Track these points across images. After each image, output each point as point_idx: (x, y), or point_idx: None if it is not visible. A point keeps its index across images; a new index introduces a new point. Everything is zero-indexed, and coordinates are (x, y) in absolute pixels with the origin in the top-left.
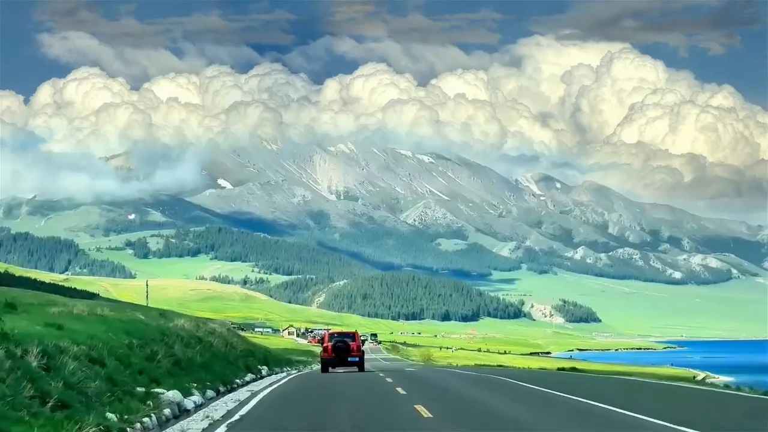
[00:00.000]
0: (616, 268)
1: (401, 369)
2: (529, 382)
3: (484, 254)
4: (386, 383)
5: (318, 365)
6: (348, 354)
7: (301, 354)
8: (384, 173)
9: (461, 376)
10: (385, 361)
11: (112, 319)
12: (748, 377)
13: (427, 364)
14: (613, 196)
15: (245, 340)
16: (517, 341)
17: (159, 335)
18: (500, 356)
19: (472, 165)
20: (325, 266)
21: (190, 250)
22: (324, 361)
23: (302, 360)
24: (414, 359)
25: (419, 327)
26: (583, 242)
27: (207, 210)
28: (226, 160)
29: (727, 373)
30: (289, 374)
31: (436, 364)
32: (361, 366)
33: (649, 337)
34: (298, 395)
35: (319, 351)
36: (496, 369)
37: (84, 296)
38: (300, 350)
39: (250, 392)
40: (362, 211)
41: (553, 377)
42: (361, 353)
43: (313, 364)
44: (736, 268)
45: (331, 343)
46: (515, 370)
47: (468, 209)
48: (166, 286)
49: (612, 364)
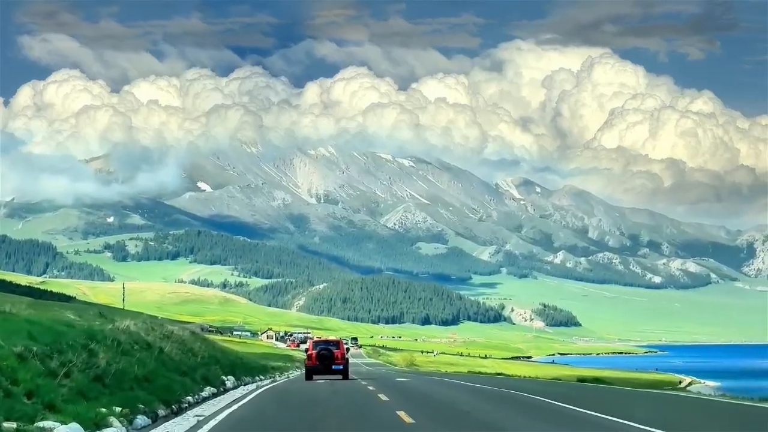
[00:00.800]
0: (595, 273)
1: (390, 378)
2: (570, 401)
3: (464, 258)
4: (380, 402)
5: (297, 372)
6: (332, 362)
7: (279, 359)
8: (364, 177)
9: (472, 390)
10: (367, 366)
11: (20, 319)
12: (734, 382)
13: (411, 369)
14: (593, 200)
15: (212, 345)
16: (497, 345)
17: (83, 340)
18: (484, 360)
19: (452, 169)
20: (304, 270)
21: (169, 253)
22: (308, 369)
23: (279, 366)
24: (397, 364)
25: (399, 331)
26: (563, 246)
27: (186, 213)
28: (206, 163)
29: (712, 377)
30: (260, 386)
31: (422, 370)
32: (346, 374)
33: (629, 342)
34: (262, 421)
35: (303, 358)
36: (501, 379)
37: (60, 299)
38: (278, 355)
39: (198, 418)
40: (342, 214)
41: (593, 393)
42: (345, 361)
43: (291, 371)
44: (715, 273)
45: (315, 351)
46: (524, 380)
47: (448, 213)
48: (144, 289)
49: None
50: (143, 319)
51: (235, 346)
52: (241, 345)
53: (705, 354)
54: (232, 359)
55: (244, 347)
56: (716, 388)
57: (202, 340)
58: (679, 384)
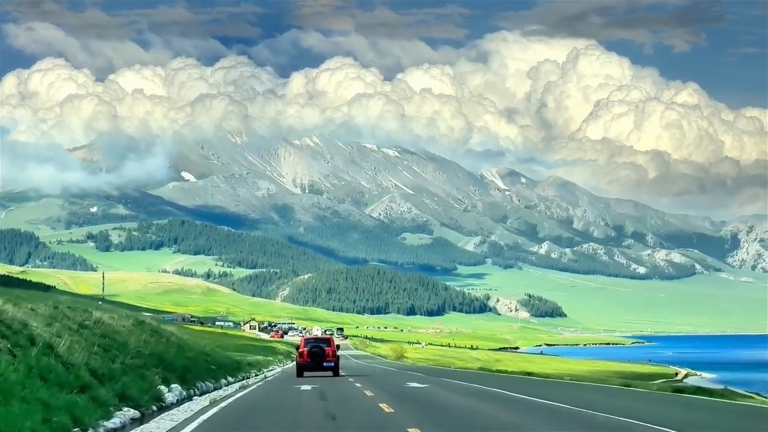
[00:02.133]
0: (580, 263)
1: (392, 380)
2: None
3: (449, 249)
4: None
5: (279, 368)
6: (323, 359)
7: (260, 351)
8: (349, 167)
9: (530, 407)
10: (356, 360)
11: None
12: (730, 374)
13: (411, 365)
14: (577, 191)
15: (163, 338)
16: (484, 336)
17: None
18: (498, 355)
19: (437, 159)
20: (289, 260)
21: (153, 243)
22: (299, 366)
23: (257, 362)
24: (386, 356)
25: (385, 321)
26: (547, 237)
27: (170, 203)
28: (191, 153)
29: (706, 369)
30: (215, 401)
31: (422, 366)
32: (336, 371)
33: (614, 332)
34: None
35: (286, 350)
36: (556, 387)
37: (39, 289)
38: (259, 347)
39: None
40: (327, 204)
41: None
42: (336, 358)
43: (272, 367)
44: (699, 264)
45: (306, 349)
46: (567, 381)
47: (433, 203)
48: (125, 278)
49: (592, 361)
50: (46, 304)
51: (215, 337)
52: (222, 336)
53: (693, 345)
54: (191, 357)
55: (224, 339)
56: (713, 380)
57: (152, 332)
58: (675, 376)
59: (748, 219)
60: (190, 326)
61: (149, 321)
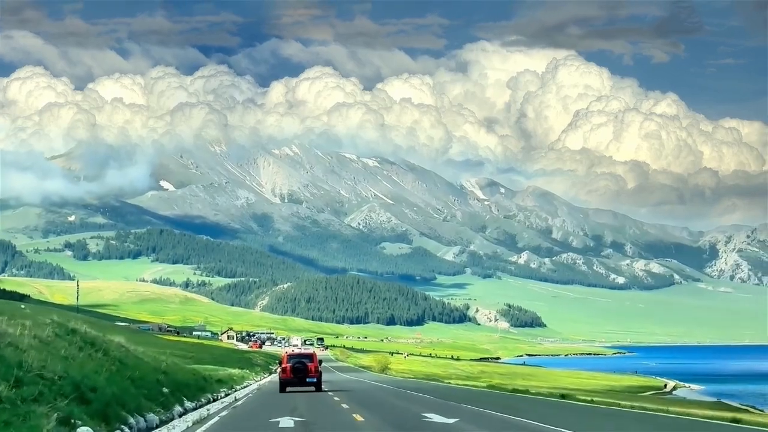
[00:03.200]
0: (559, 273)
1: (413, 417)
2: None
3: (428, 258)
4: None
5: (255, 385)
6: (306, 375)
7: (235, 363)
8: (329, 176)
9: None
10: (341, 373)
11: None
12: (718, 386)
13: (386, 373)
14: (557, 201)
15: (104, 353)
16: (464, 346)
17: None
18: (456, 363)
19: (417, 169)
20: (268, 269)
21: (131, 252)
22: (282, 382)
23: (230, 378)
24: (370, 367)
25: (364, 331)
26: (527, 247)
27: (149, 212)
28: (170, 162)
29: (693, 381)
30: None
31: (393, 375)
32: (319, 386)
33: (594, 342)
34: None
35: (264, 361)
36: (575, 405)
37: (13, 298)
38: (235, 358)
39: None
40: (306, 214)
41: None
42: (319, 374)
43: (246, 383)
44: (678, 274)
45: (290, 364)
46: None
47: (413, 213)
48: (102, 287)
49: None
50: None
51: (190, 347)
52: (198, 346)
53: (674, 355)
54: (135, 377)
55: (200, 349)
56: (702, 392)
57: (83, 345)
58: (664, 388)
59: (726, 229)
60: (166, 336)
61: (86, 330)
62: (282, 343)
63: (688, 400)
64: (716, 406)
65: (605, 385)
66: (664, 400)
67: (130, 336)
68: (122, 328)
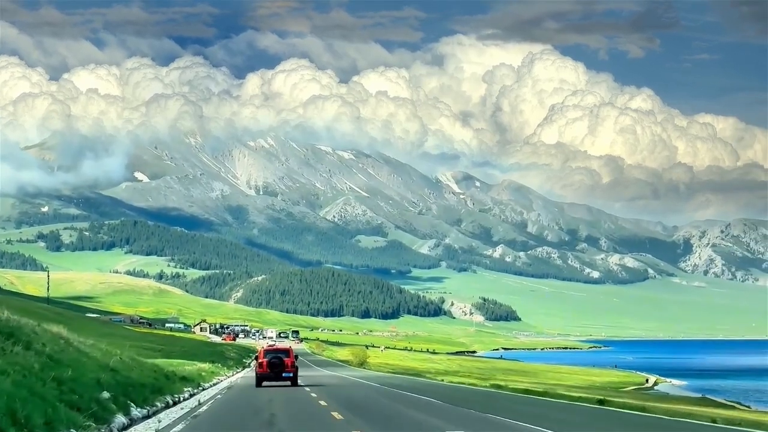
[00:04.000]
0: (534, 267)
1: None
2: None
3: (403, 251)
4: None
5: (227, 382)
6: (282, 369)
7: (207, 357)
8: (304, 169)
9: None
10: (320, 369)
11: None
12: (699, 381)
13: (364, 368)
14: (532, 195)
15: (26, 348)
16: (440, 339)
17: None
18: (435, 357)
19: (392, 162)
20: (243, 261)
21: (105, 243)
22: (259, 376)
23: (197, 374)
24: (348, 361)
25: (339, 324)
26: (502, 241)
27: (123, 203)
28: (144, 153)
29: (672, 375)
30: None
31: (372, 370)
32: (295, 381)
33: (568, 336)
34: None
35: (236, 356)
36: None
37: None
38: (207, 351)
39: None
40: (281, 206)
41: None
42: (295, 369)
43: (218, 379)
44: (652, 268)
45: (266, 359)
46: None
47: (388, 206)
48: (74, 279)
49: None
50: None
51: (161, 339)
52: (169, 338)
53: (650, 350)
54: (67, 378)
55: (171, 341)
56: (684, 388)
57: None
58: (645, 383)
59: (700, 224)
60: (137, 328)
61: (8, 317)
62: (256, 336)
63: (674, 396)
64: (702, 402)
65: (586, 381)
66: (651, 397)
67: (98, 328)
68: (92, 320)
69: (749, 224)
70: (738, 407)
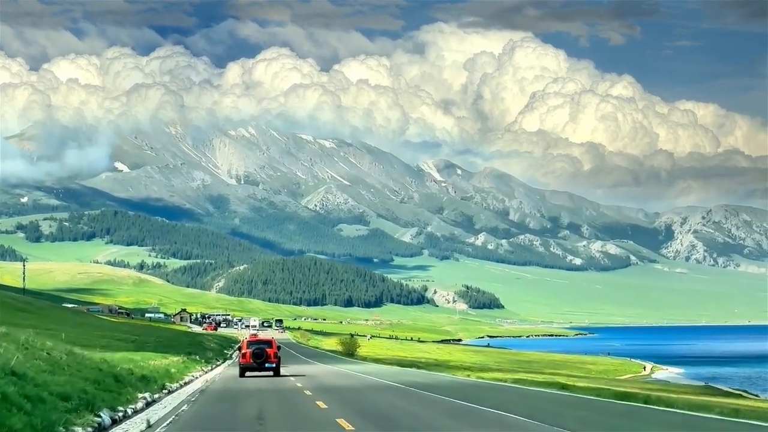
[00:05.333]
0: (517, 254)
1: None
2: None
3: (386, 240)
4: None
5: (202, 380)
6: (265, 360)
7: (184, 348)
8: (285, 158)
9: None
10: (314, 361)
11: None
12: (696, 369)
13: (354, 359)
14: (513, 183)
15: None
16: (425, 328)
17: None
18: (422, 345)
19: (374, 151)
20: (224, 251)
21: (85, 234)
22: (242, 367)
23: (162, 372)
24: (334, 351)
25: (323, 312)
26: (484, 228)
27: (103, 193)
28: (124, 143)
29: (665, 363)
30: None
31: (382, 365)
32: (277, 372)
33: (552, 323)
34: None
35: (216, 347)
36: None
37: None
38: (185, 342)
39: None
40: (263, 195)
41: None
42: (278, 359)
43: (189, 377)
44: (634, 255)
45: (249, 350)
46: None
47: (370, 195)
48: (52, 269)
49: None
50: None
51: (137, 329)
52: (147, 328)
53: (636, 336)
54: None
55: (146, 332)
56: (682, 375)
57: None
58: (643, 371)
59: (681, 210)
60: (113, 318)
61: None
62: (238, 325)
63: (678, 385)
64: (708, 391)
65: (581, 368)
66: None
67: (70, 318)
68: (64, 310)
69: (730, 210)
70: (745, 396)
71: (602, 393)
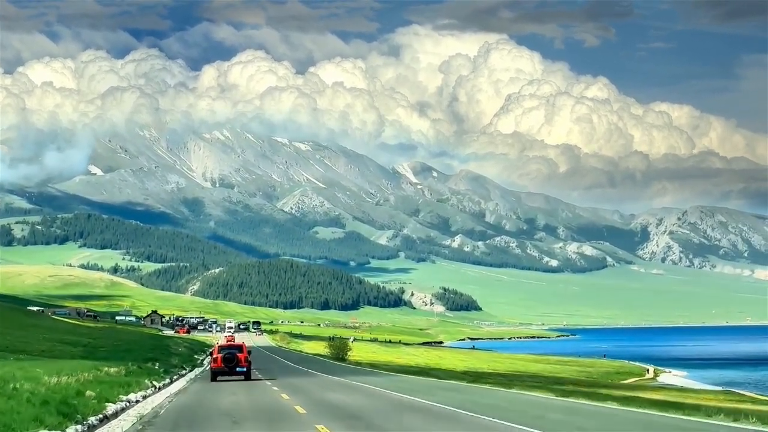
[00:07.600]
0: (493, 256)
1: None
2: None
3: (362, 242)
4: None
5: (159, 400)
6: (236, 365)
7: (147, 351)
8: (260, 161)
9: None
10: (315, 373)
11: None
12: (700, 372)
13: (343, 363)
14: (489, 185)
15: None
16: (403, 330)
17: None
18: (408, 348)
19: (349, 153)
20: (199, 254)
21: (58, 237)
22: (213, 371)
23: (94, 395)
24: (323, 355)
25: (299, 315)
26: (460, 230)
27: (77, 197)
28: (98, 146)
29: (660, 364)
30: None
31: (393, 373)
32: (248, 376)
33: (530, 325)
34: None
35: (185, 351)
36: None
37: None
38: (148, 346)
39: None
40: (238, 198)
41: None
42: (248, 364)
43: (137, 397)
44: (610, 256)
45: (221, 355)
46: None
47: (345, 197)
48: (22, 272)
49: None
50: None
51: (95, 333)
52: (111, 331)
53: (617, 338)
54: None
55: (107, 335)
56: (687, 378)
57: None
58: (647, 374)
59: (657, 212)
60: (79, 321)
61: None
62: (213, 328)
63: (699, 390)
64: (737, 397)
65: (581, 372)
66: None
67: (20, 319)
68: (17, 311)
69: (706, 211)
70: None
71: (684, 409)
